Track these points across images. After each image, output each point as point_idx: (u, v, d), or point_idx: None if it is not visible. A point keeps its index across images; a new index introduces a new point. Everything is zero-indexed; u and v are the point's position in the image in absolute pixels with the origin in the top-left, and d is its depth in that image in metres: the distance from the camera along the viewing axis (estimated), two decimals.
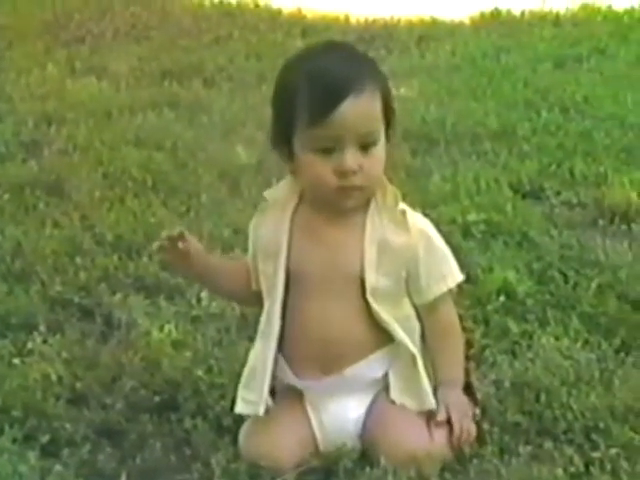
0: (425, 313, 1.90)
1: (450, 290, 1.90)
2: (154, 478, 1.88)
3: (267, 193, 1.93)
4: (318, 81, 1.77)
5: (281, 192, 1.91)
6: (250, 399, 1.88)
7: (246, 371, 1.92)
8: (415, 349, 1.86)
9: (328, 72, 1.78)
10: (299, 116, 1.77)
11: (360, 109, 1.77)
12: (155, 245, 1.95)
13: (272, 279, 1.88)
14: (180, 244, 1.91)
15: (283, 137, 1.82)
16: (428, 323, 1.90)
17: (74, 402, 2.10)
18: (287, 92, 1.81)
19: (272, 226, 1.89)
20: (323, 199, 1.83)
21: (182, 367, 2.17)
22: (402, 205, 1.86)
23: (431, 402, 1.86)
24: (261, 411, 1.86)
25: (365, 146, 1.79)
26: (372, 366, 1.88)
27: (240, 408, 1.90)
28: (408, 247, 1.84)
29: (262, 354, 1.89)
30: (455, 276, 1.89)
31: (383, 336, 1.87)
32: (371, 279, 1.83)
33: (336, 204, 1.83)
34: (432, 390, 1.88)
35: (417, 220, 1.88)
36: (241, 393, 1.91)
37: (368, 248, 1.83)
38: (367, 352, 1.87)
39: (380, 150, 1.81)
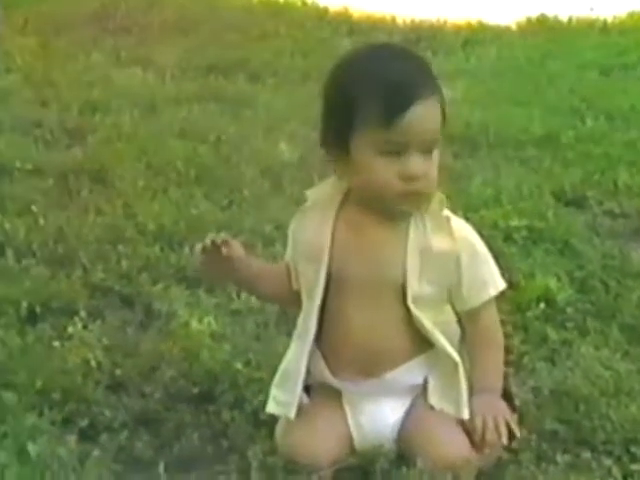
0: (466, 320, 1.88)
1: (492, 298, 1.88)
2: (191, 467, 1.90)
3: (309, 193, 1.91)
4: (389, 84, 1.75)
5: (323, 193, 1.89)
6: (282, 400, 1.88)
7: (280, 371, 1.92)
8: (457, 356, 1.85)
9: (398, 76, 1.77)
10: (363, 118, 1.75)
11: (428, 114, 1.76)
12: (197, 248, 1.91)
13: (312, 281, 1.86)
14: (223, 249, 1.88)
15: (340, 138, 1.79)
16: (469, 330, 1.88)
17: (113, 388, 2.11)
18: (350, 94, 1.77)
19: (314, 228, 1.87)
20: (381, 202, 1.80)
21: (221, 359, 2.18)
22: (446, 211, 1.85)
23: (465, 412, 1.84)
24: (292, 413, 1.85)
25: (427, 151, 1.78)
26: (412, 371, 1.87)
27: (271, 408, 1.90)
28: (452, 254, 1.82)
29: (296, 355, 1.88)
30: (497, 284, 1.87)
31: (424, 342, 1.86)
32: (414, 286, 1.81)
33: (394, 207, 1.80)
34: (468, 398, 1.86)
35: (461, 227, 1.86)
36: (273, 393, 1.90)
37: (411, 255, 1.81)
38: (407, 358, 1.86)
39: (436, 157, 1.80)
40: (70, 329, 2.33)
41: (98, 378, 2.13)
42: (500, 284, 1.88)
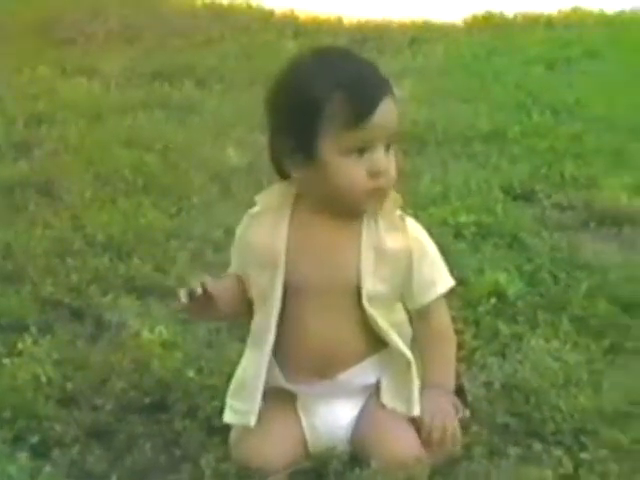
0: (417, 318, 1.89)
1: (443, 295, 1.89)
2: (144, 479, 1.88)
3: (258, 198, 1.89)
4: (356, 85, 1.76)
5: (273, 198, 1.87)
6: (240, 409, 1.87)
7: (236, 380, 1.90)
8: (410, 355, 1.86)
9: (362, 75, 1.79)
10: (332, 119, 1.74)
11: (392, 109, 1.79)
12: (183, 294, 1.81)
13: (268, 288, 1.85)
14: (215, 295, 1.82)
15: (305, 142, 1.77)
16: (420, 327, 1.89)
17: (64, 403, 2.09)
18: (314, 96, 1.76)
19: (267, 234, 1.85)
20: (346, 203, 1.80)
21: (172, 368, 2.16)
22: (399, 210, 1.85)
23: (417, 410, 1.84)
24: (252, 421, 1.84)
25: (388, 147, 1.79)
26: (365, 372, 1.87)
27: (229, 417, 1.88)
28: (404, 252, 1.83)
29: (254, 364, 1.86)
30: (446, 282, 1.89)
31: (378, 342, 1.86)
32: (368, 285, 1.81)
33: (357, 208, 1.81)
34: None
35: (413, 226, 1.87)
36: (230, 402, 1.89)
37: (365, 254, 1.82)
38: (361, 358, 1.86)
39: (394, 152, 1.82)
40: (20, 345, 2.30)
41: (48, 393, 2.11)
42: (448, 282, 1.89)
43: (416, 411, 1.84)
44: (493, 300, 2.49)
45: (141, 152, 3.56)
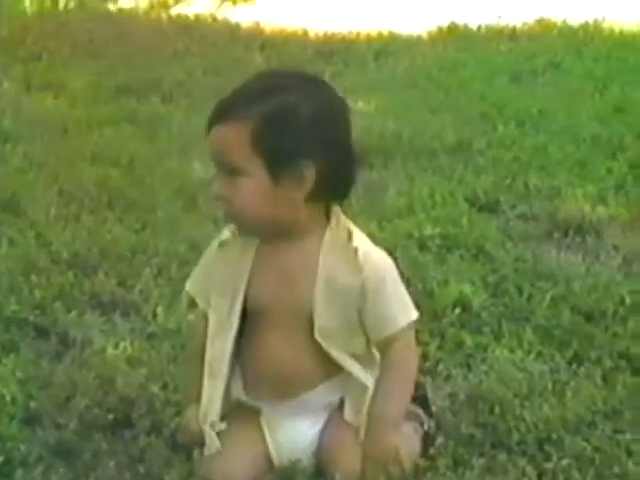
0: (378, 347, 1.87)
1: (404, 328, 1.83)
2: None
3: (227, 228, 1.89)
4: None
5: None
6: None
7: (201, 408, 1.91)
8: (367, 381, 1.85)
9: (225, 98, 1.81)
10: None
11: (221, 136, 1.77)
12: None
13: (226, 315, 1.86)
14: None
15: None
16: (381, 355, 1.86)
17: (28, 422, 2.07)
18: None
19: (232, 265, 1.87)
20: None
21: (137, 384, 2.15)
22: (358, 239, 1.82)
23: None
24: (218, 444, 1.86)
25: (231, 174, 1.77)
26: (329, 391, 1.88)
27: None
28: (358, 286, 1.80)
29: (210, 394, 1.88)
30: (409, 315, 1.83)
31: (338, 365, 1.86)
32: (320, 317, 1.81)
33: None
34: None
35: (372, 257, 1.82)
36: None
37: (319, 285, 1.81)
38: (324, 379, 1.87)
39: (248, 184, 1.75)
40: None
41: (12, 412, 2.09)
42: (412, 314, 1.84)
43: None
44: (458, 311, 2.50)
45: (106, 167, 3.54)
